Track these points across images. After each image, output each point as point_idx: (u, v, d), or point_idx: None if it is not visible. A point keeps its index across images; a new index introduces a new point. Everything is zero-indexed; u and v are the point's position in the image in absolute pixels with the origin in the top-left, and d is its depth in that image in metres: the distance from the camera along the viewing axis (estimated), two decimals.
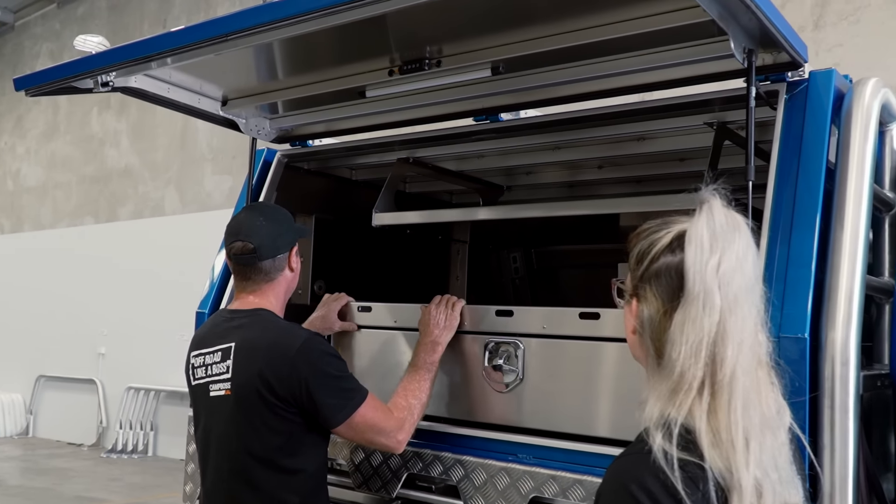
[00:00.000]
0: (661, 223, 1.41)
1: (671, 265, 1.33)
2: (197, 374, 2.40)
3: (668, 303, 1.32)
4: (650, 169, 3.28)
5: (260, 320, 2.34)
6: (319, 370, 2.22)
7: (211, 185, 10.72)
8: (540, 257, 4.54)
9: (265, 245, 2.38)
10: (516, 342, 2.40)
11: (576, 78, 2.44)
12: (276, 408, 2.20)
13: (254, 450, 2.24)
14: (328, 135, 3.32)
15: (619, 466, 1.31)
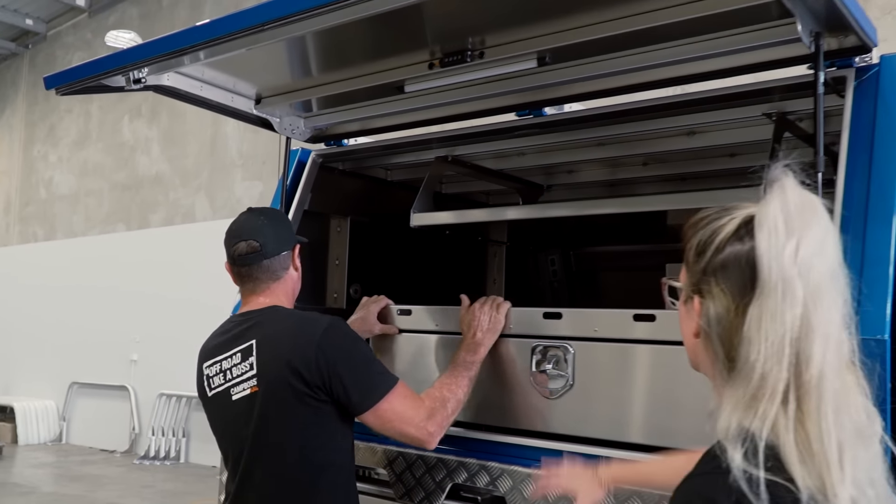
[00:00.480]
0: (722, 210, 1.24)
1: (740, 254, 1.17)
2: (214, 384, 2.29)
3: (739, 298, 1.16)
4: (698, 165, 3.14)
5: (276, 314, 2.28)
6: (347, 352, 2.16)
7: (241, 190, 10.72)
8: (578, 259, 4.42)
9: (270, 242, 2.33)
10: (566, 346, 2.28)
11: (626, 68, 2.31)
12: (306, 397, 2.12)
13: (285, 444, 2.16)
14: (363, 133, 3.22)
15: (690, 488, 1.15)
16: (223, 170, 10.95)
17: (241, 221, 2.37)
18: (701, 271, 1.21)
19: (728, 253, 1.18)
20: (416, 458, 2.46)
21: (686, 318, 1.29)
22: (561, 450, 2.22)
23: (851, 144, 1.97)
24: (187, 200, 11.40)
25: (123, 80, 2.40)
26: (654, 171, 3.27)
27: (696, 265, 1.23)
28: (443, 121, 2.90)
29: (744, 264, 1.16)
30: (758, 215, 1.16)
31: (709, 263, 1.20)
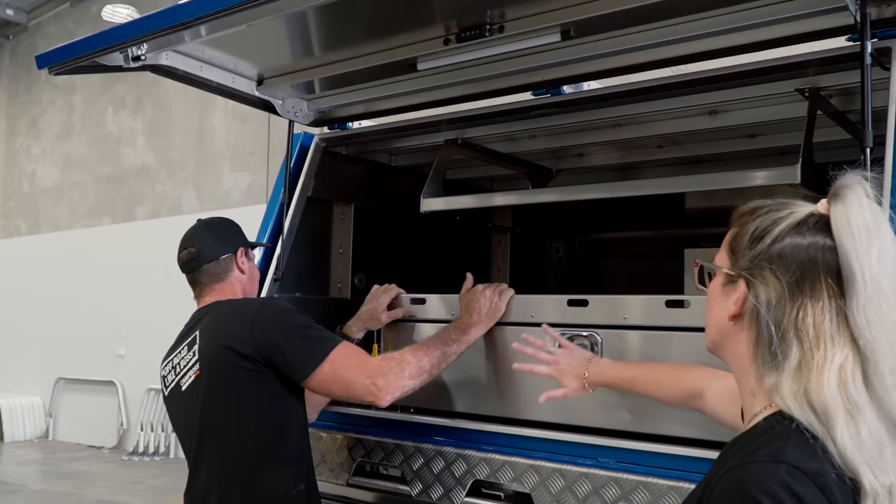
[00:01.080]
0: (779, 202, 1.29)
1: (800, 247, 1.21)
2: (168, 382, 2.32)
3: (795, 287, 1.20)
4: (714, 147, 3.03)
5: (219, 304, 2.35)
6: (283, 321, 2.18)
7: (229, 182, 10.54)
8: (584, 246, 4.31)
9: (207, 247, 2.42)
10: (594, 334, 2.18)
11: (654, 42, 2.20)
12: (244, 370, 2.13)
13: (230, 417, 2.17)
14: (369, 116, 3.11)
15: (742, 476, 1.12)
16: (210, 161, 10.76)
17: (186, 232, 2.50)
18: (755, 256, 1.24)
19: (787, 244, 1.22)
20: (435, 454, 2.34)
21: (722, 300, 1.32)
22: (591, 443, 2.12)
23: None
24: (174, 193, 11.20)
25: (121, 58, 2.26)
26: (668, 154, 3.15)
27: (749, 250, 1.25)
28: (453, 101, 2.78)
29: (804, 258, 1.20)
30: (836, 218, 1.19)
31: (766, 251, 1.23)
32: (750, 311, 1.24)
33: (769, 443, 1.13)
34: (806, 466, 1.07)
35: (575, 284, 4.25)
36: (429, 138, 3.10)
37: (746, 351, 1.26)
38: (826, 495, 1.06)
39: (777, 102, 2.50)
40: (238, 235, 2.52)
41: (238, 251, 2.45)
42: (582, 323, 2.21)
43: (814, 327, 1.17)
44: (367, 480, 2.52)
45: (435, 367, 2.24)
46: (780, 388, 1.17)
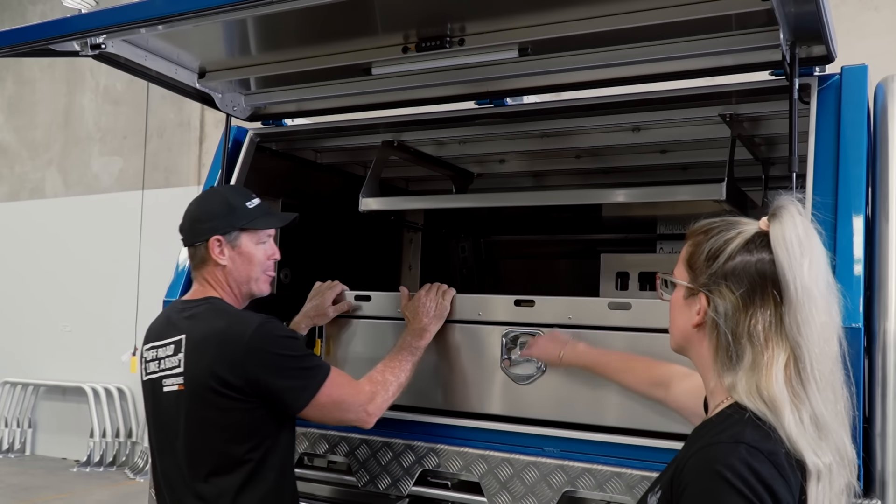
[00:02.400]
0: (726, 223, 1.49)
1: (749, 264, 1.40)
2: (149, 369, 2.27)
3: (747, 299, 1.39)
4: (627, 160, 3.28)
5: (210, 309, 2.24)
6: (275, 355, 2.12)
7: (98, 166, 10.07)
8: (488, 246, 4.49)
9: (185, 229, 2.35)
10: (539, 333, 2.33)
11: (601, 63, 2.39)
12: (231, 399, 2.09)
13: (211, 445, 2.13)
14: (303, 114, 3.15)
15: (709, 455, 1.31)
16: (78, 143, 10.23)
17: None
18: (712, 274, 1.43)
19: (738, 261, 1.41)
20: (382, 445, 2.44)
21: (684, 310, 1.50)
22: (538, 434, 2.28)
23: (818, 147, 2.13)
24: (36, 175, 10.57)
25: (77, 46, 2.21)
26: (583, 164, 3.38)
27: (706, 268, 1.44)
28: (396, 105, 2.88)
29: (753, 272, 1.39)
30: (774, 235, 1.39)
31: (721, 268, 1.42)
32: (710, 321, 1.43)
33: (730, 427, 1.32)
34: (762, 447, 1.27)
35: (479, 283, 4.42)
36: (363, 139, 3.17)
37: (708, 353, 1.45)
38: (779, 471, 1.25)
39: (695, 124, 2.75)
40: (217, 218, 2.30)
41: (210, 240, 2.28)
42: (528, 322, 2.37)
43: (763, 332, 1.37)
44: (311, 472, 2.58)
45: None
46: (735, 386, 1.37)
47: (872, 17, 6.16)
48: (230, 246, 2.30)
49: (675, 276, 1.53)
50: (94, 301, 9.41)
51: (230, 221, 2.30)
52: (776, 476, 1.25)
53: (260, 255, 2.34)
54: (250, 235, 2.32)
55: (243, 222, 2.30)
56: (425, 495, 2.42)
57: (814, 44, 2.13)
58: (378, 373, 2.29)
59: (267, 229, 2.37)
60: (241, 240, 2.31)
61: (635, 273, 3.34)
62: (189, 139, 9.45)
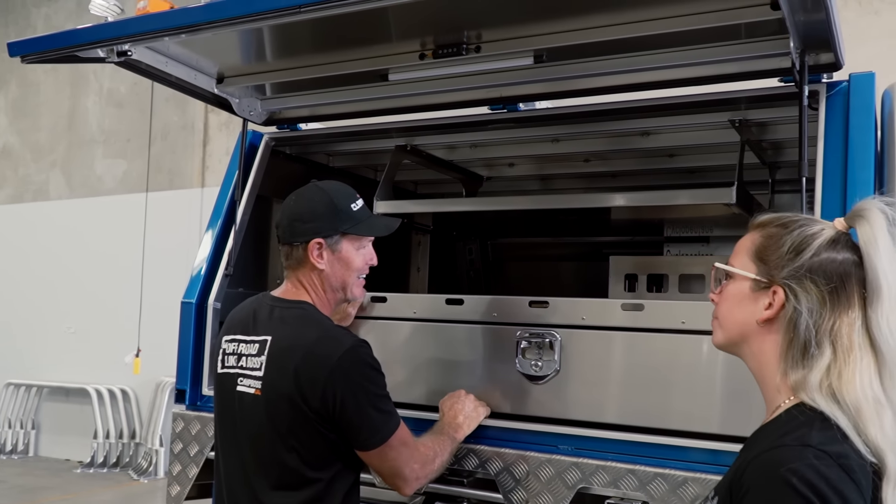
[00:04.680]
0: (803, 218, 1.46)
1: (835, 262, 1.37)
2: (227, 362, 2.20)
3: (833, 296, 1.36)
4: (634, 165, 3.34)
5: (302, 316, 2.14)
6: (360, 385, 2.02)
7: (102, 168, 10.11)
8: (495, 249, 4.54)
9: (283, 226, 2.22)
10: (553, 333, 2.39)
11: (614, 70, 2.45)
12: (306, 418, 2.01)
13: (279, 458, 2.05)
14: (317, 119, 3.20)
15: (773, 458, 1.26)
16: (82, 146, 10.28)
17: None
18: (797, 268, 1.38)
19: (825, 258, 1.38)
20: None
21: (747, 304, 1.45)
22: (552, 432, 2.33)
23: (827, 152, 2.18)
24: (39, 177, 10.61)
25: (103, 53, 2.27)
26: (591, 168, 3.44)
27: (789, 262, 1.40)
28: (411, 110, 2.93)
29: (840, 271, 1.37)
30: (864, 235, 1.37)
31: (807, 263, 1.38)
32: (787, 316, 1.37)
33: (795, 429, 1.27)
34: (830, 449, 1.22)
35: (486, 284, 4.48)
36: (375, 143, 3.23)
37: (772, 350, 1.40)
38: (849, 474, 1.20)
39: (704, 129, 2.81)
40: (320, 219, 2.16)
41: (311, 242, 2.16)
42: (542, 322, 2.42)
43: (846, 334, 1.33)
44: None
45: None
46: (806, 384, 1.33)
47: (873, 21, 6.23)
48: (330, 250, 2.18)
49: (736, 268, 1.47)
50: (98, 303, 9.46)
51: (334, 224, 2.17)
52: (846, 480, 1.21)
53: (359, 261, 2.24)
54: (352, 240, 2.21)
55: (347, 226, 2.18)
56: (441, 492, 2.47)
57: (822, 51, 2.18)
58: (430, 443, 2.22)
59: (372, 236, 2.28)
60: (342, 244, 2.19)
61: (643, 275, 3.39)
62: (193, 142, 9.49)
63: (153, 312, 8.47)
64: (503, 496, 2.34)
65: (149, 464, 8.70)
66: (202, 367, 2.90)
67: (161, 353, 6.79)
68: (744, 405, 2.13)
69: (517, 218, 4.09)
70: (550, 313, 2.43)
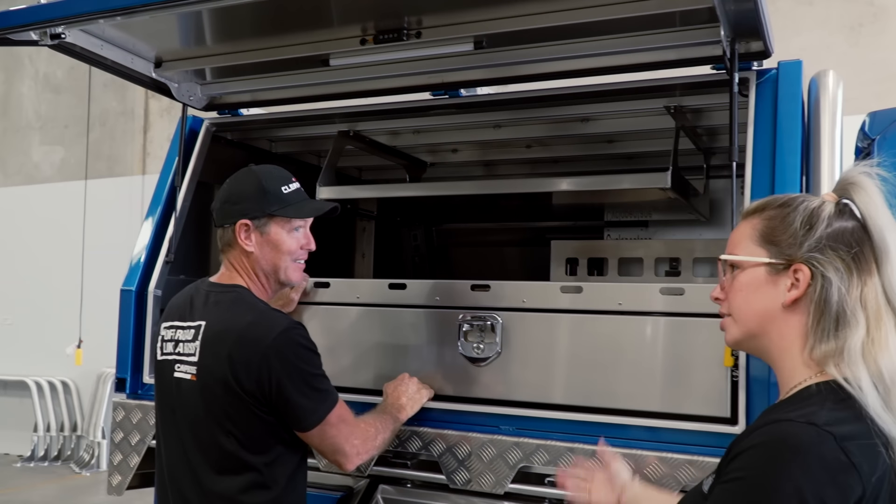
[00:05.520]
0: (796, 195, 1.45)
1: (847, 230, 1.36)
2: (165, 349, 2.19)
3: (856, 263, 1.34)
4: (575, 150, 3.39)
5: (236, 300, 2.13)
6: (294, 366, 2.03)
7: (39, 155, 9.86)
8: (440, 234, 4.56)
9: (216, 209, 2.23)
10: (495, 316, 2.43)
11: (553, 57, 2.48)
12: (242, 402, 2.01)
13: (218, 443, 2.05)
14: (259, 104, 3.18)
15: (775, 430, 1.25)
16: (17, 132, 10.00)
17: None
18: (816, 240, 1.35)
19: (837, 227, 1.35)
20: None
21: (767, 290, 1.39)
22: (494, 413, 2.37)
23: (756, 137, 2.25)
24: None
25: (36, 35, 2.22)
26: (533, 154, 3.48)
27: (805, 237, 1.36)
28: (353, 96, 2.93)
29: (860, 237, 1.35)
30: (863, 202, 1.36)
31: (824, 234, 1.35)
32: (817, 291, 1.33)
33: (805, 406, 1.25)
34: (835, 430, 1.19)
35: (431, 270, 4.50)
36: (318, 129, 3.22)
37: (797, 331, 1.36)
38: (851, 459, 1.17)
39: (641, 115, 2.87)
40: (247, 200, 2.16)
41: (238, 223, 2.16)
42: (485, 305, 2.46)
43: (873, 298, 1.32)
44: None
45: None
46: (846, 353, 1.29)
47: (807, 12, 6.40)
48: (258, 232, 2.17)
49: (747, 256, 1.42)
50: (38, 294, 9.25)
51: (260, 206, 2.16)
52: (845, 464, 1.18)
53: (290, 244, 2.20)
54: (281, 223, 2.19)
55: (275, 208, 2.16)
56: (385, 475, 2.49)
57: (752, 40, 2.25)
58: (372, 421, 2.24)
59: (301, 218, 2.24)
60: (270, 226, 2.18)
61: (584, 259, 3.45)
62: (133, 128, 9.31)
63: (95, 302, 8.30)
64: (446, 477, 2.38)
65: (91, 456, 8.56)
66: (143, 356, 2.87)
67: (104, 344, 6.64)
68: (679, 383, 2.21)
69: (461, 204, 4.12)
70: (492, 297, 2.46)
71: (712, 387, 2.15)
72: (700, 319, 2.17)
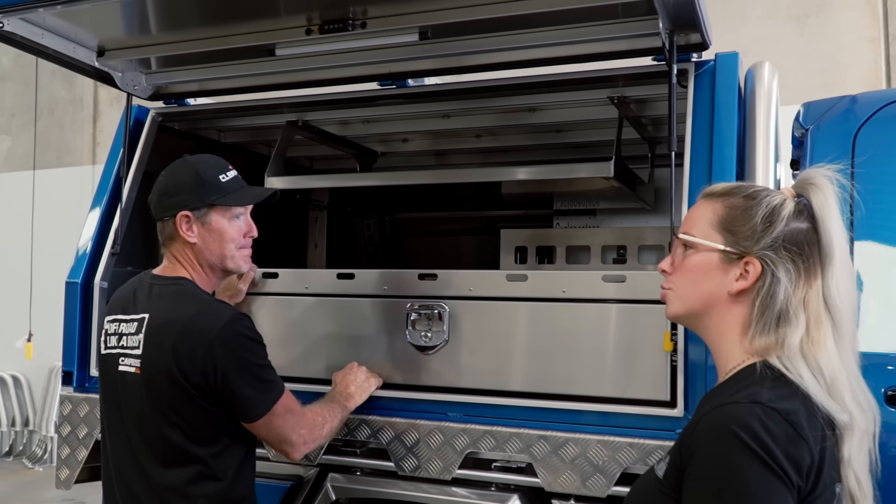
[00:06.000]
0: (761, 188, 1.48)
1: (801, 231, 1.41)
2: (109, 343, 2.17)
3: (806, 265, 1.39)
4: (524, 140, 3.43)
5: (179, 292, 2.13)
6: (239, 357, 2.03)
7: None
8: (393, 224, 4.58)
9: (153, 202, 2.22)
10: (442, 304, 2.45)
11: (497, 48, 2.51)
12: (187, 394, 2.01)
13: (164, 435, 2.03)
14: (206, 93, 3.15)
15: (723, 414, 1.28)
16: None
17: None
18: (775, 239, 1.40)
19: (793, 227, 1.40)
20: None
21: (715, 275, 1.44)
22: (441, 400, 2.40)
23: (694, 127, 2.31)
24: None
25: None
26: (483, 143, 3.51)
27: (764, 233, 1.41)
28: (300, 86, 2.92)
29: (812, 241, 1.40)
30: (818, 203, 1.41)
31: (781, 233, 1.40)
32: (765, 287, 1.38)
33: (747, 387, 1.30)
34: (779, 406, 1.25)
35: (384, 259, 4.51)
36: (267, 118, 3.21)
37: (738, 319, 1.42)
38: (797, 430, 1.24)
39: (587, 105, 2.91)
40: (185, 192, 2.15)
41: (178, 216, 2.14)
42: (432, 294, 2.48)
43: (814, 300, 1.37)
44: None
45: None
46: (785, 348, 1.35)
47: (756, 3, 6.51)
48: (200, 223, 2.16)
49: (704, 239, 1.46)
50: None
51: (199, 196, 2.14)
52: (794, 436, 1.24)
53: (233, 232, 2.19)
54: (221, 211, 2.18)
55: (214, 198, 2.15)
56: (335, 463, 2.51)
57: (691, 32, 2.30)
58: (318, 411, 2.25)
59: (241, 205, 2.23)
60: (210, 216, 2.16)
61: (533, 247, 3.50)
62: (82, 117, 9.13)
63: (45, 295, 8.14)
64: (395, 464, 2.41)
65: (43, 451, 8.43)
66: (89, 348, 2.85)
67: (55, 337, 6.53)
68: (621, 368, 2.26)
69: (414, 193, 4.13)
70: (439, 286, 2.49)
71: (653, 371, 2.20)
72: (641, 306, 2.22)
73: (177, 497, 2.02)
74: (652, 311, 2.19)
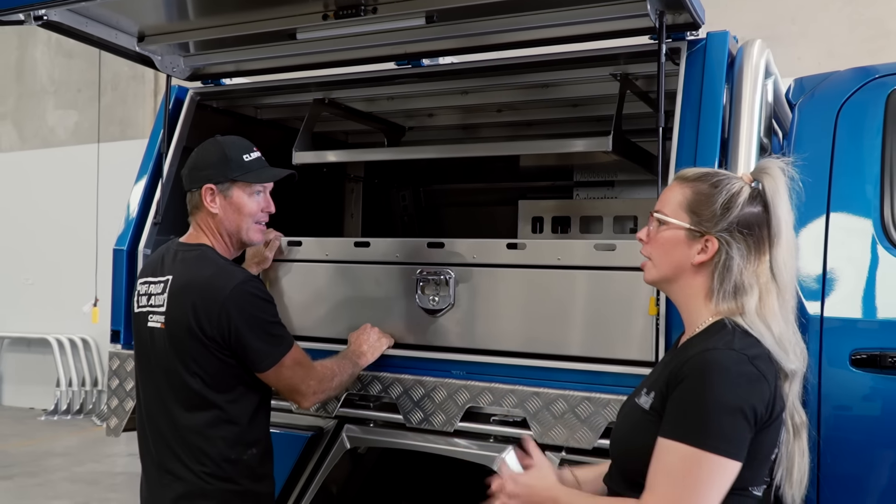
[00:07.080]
0: (722, 174, 1.76)
1: (753, 216, 1.70)
2: (140, 302, 2.45)
3: (757, 245, 1.69)
4: (545, 114, 3.57)
5: (199, 256, 2.38)
6: (250, 314, 2.28)
7: (54, 119, 10.13)
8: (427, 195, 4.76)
9: (184, 174, 2.49)
10: (448, 271, 2.64)
11: (501, 29, 2.65)
12: (205, 346, 2.27)
13: (186, 383, 2.30)
14: (241, 74, 3.37)
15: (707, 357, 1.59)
16: (33, 97, 10.26)
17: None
18: (730, 222, 1.68)
19: (748, 212, 1.69)
20: None
21: (682, 248, 1.73)
22: (446, 359, 2.60)
23: (684, 104, 2.43)
24: None
25: (23, 17, 2.43)
26: (506, 118, 3.66)
27: (722, 217, 1.69)
28: (324, 66, 3.12)
29: (762, 223, 1.70)
30: (770, 189, 1.71)
31: (736, 218, 1.68)
32: (721, 261, 1.68)
33: (722, 338, 1.62)
34: (749, 352, 1.59)
35: (420, 229, 4.71)
36: (297, 97, 3.41)
37: (701, 286, 1.72)
38: (761, 372, 1.58)
39: (594, 82, 3.04)
40: (212, 167, 2.41)
41: (204, 188, 2.41)
42: (439, 262, 2.67)
43: (764, 272, 1.68)
44: None
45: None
46: (745, 311, 1.66)
47: None
48: (222, 196, 2.41)
49: (673, 218, 1.74)
50: (55, 254, 9.56)
51: (223, 172, 2.40)
52: (758, 375, 1.57)
53: (251, 207, 2.44)
54: (242, 187, 2.42)
55: (237, 174, 2.41)
56: (351, 415, 2.74)
57: (680, 12, 2.41)
58: (329, 364, 2.49)
59: (260, 183, 2.47)
60: (232, 191, 2.42)
61: (549, 217, 3.64)
62: (143, 91, 9.52)
63: (109, 262, 8.57)
64: (403, 417, 2.62)
65: None
66: None
67: None
68: (610, 331, 2.42)
69: (445, 166, 4.31)
70: (446, 254, 2.67)
71: (639, 334, 2.36)
72: (629, 273, 2.37)
73: (198, 437, 2.29)
74: (638, 278, 2.32)
